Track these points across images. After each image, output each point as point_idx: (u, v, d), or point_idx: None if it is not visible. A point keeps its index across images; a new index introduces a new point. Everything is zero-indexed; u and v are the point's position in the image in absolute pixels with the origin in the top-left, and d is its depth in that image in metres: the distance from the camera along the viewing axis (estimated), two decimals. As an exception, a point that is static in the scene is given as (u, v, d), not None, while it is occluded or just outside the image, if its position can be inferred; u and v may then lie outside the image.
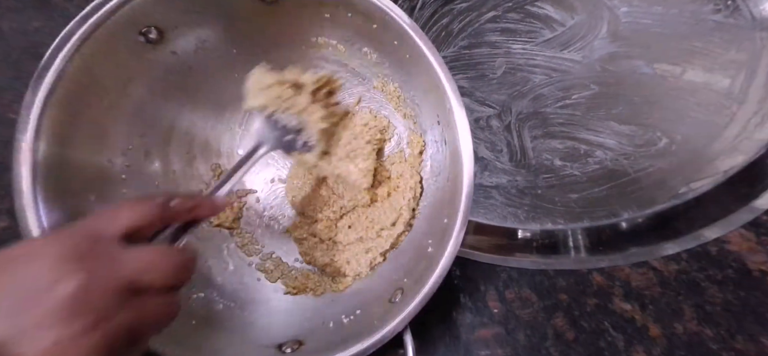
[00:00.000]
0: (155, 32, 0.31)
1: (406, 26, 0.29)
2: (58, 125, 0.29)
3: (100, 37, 0.29)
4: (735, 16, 0.38)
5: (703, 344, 0.33)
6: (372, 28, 0.32)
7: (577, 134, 0.40)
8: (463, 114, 0.29)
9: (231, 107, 0.39)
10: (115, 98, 0.32)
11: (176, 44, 0.33)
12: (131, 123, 0.34)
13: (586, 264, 0.37)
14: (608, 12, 0.40)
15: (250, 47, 0.36)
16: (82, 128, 0.30)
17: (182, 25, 0.32)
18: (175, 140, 0.37)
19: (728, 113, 0.38)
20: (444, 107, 0.30)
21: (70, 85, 0.29)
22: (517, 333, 0.35)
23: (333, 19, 0.33)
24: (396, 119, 0.39)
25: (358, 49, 0.36)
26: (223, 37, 0.35)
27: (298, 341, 0.30)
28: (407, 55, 0.32)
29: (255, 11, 0.33)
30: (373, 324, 0.28)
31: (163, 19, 0.31)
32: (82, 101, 0.30)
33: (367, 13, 0.31)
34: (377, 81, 0.38)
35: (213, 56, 0.35)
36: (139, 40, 0.31)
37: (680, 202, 0.38)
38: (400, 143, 0.39)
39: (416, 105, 0.36)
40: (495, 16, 0.42)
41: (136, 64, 0.32)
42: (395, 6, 0.29)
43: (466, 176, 0.29)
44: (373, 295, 0.33)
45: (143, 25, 0.31)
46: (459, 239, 0.28)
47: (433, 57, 0.29)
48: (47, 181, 0.28)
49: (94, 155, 0.31)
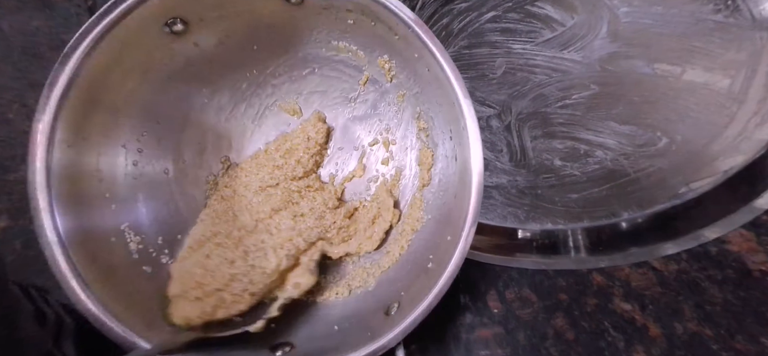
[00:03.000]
0: (181, 24, 0.32)
1: (429, 43, 0.29)
2: (78, 108, 0.29)
3: (129, 24, 0.29)
4: (735, 16, 0.38)
5: (703, 344, 0.33)
6: (394, 39, 0.32)
7: (577, 134, 0.40)
8: (476, 134, 0.28)
9: (246, 103, 0.39)
10: (135, 84, 0.33)
11: (199, 37, 0.33)
12: (148, 109, 0.34)
13: (586, 264, 0.37)
14: (608, 12, 0.40)
15: (271, 45, 0.36)
16: (100, 112, 0.31)
17: (208, 18, 0.33)
18: (188, 130, 0.37)
19: (728, 113, 0.38)
20: (458, 123, 0.30)
21: (94, 69, 0.29)
22: (517, 333, 0.35)
23: (356, 25, 0.33)
24: (409, 134, 0.39)
25: (378, 56, 0.36)
26: (245, 34, 0.35)
27: (290, 344, 0.30)
28: (427, 70, 0.32)
29: (279, 10, 0.33)
30: (367, 335, 0.28)
31: (191, 11, 0.32)
32: (104, 85, 0.31)
33: (391, 24, 0.31)
34: (395, 92, 0.38)
35: (234, 51, 0.36)
36: (164, 30, 0.31)
37: (680, 202, 0.38)
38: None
39: (430, 118, 0.36)
40: (495, 16, 0.42)
41: (159, 53, 0.32)
42: (421, 22, 0.29)
43: (474, 194, 0.28)
44: (369, 306, 0.33)
45: (171, 16, 0.31)
46: (460, 259, 0.28)
47: (454, 76, 0.29)
48: (61, 170, 0.29)
49: (108, 137, 0.32)
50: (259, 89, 0.39)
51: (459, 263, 0.28)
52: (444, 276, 0.28)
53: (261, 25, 0.34)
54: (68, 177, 0.30)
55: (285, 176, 0.37)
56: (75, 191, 0.30)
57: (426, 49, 0.29)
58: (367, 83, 0.38)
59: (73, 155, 0.30)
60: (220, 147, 0.39)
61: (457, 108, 0.29)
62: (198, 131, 0.38)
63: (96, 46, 0.29)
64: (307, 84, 0.39)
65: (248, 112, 0.40)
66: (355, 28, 0.34)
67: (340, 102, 0.40)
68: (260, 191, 0.37)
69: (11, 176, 0.39)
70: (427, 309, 0.27)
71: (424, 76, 0.33)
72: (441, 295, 0.27)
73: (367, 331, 0.28)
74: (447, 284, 0.28)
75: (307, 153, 0.38)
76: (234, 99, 0.39)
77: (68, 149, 0.29)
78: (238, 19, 0.34)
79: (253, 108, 0.40)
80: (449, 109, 0.31)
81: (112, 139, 0.33)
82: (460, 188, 0.31)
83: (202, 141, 0.38)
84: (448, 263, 0.28)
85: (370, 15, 0.31)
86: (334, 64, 0.38)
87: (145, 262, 0.33)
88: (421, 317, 0.27)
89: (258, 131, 0.40)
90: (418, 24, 0.29)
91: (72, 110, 0.29)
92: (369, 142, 0.40)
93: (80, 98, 0.29)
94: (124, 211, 0.33)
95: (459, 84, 0.29)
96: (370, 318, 0.31)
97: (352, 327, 0.31)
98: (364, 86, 0.38)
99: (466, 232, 0.28)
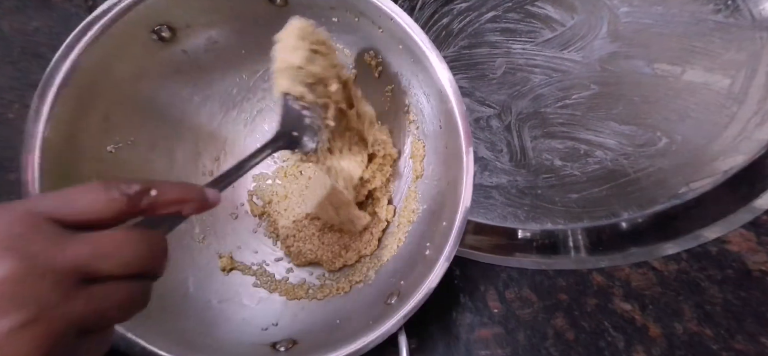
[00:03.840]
0: (168, 31, 0.32)
1: (409, 30, 0.30)
2: (68, 114, 0.29)
3: (116, 33, 0.29)
4: (735, 16, 0.38)
5: (703, 344, 0.33)
6: (378, 32, 0.32)
7: (577, 134, 0.40)
8: (464, 118, 0.29)
9: (238, 107, 0.40)
10: (126, 92, 0.33)
11: (187, 43, 0.34)
12: (139, 116, 0.34)
13: (586, 264, 0.37)
14: (608, 12, 0.40)
15: (259, 49, 0.36)
16: (92, 119, 0.31)
17: (194, 24, 0.33)
18: (181, 135, 0.37)
19: (728, 113, 0.38)
20: (445, 109, 0.30)
21: (84, 78, 0.29)
22: (517, 333, 0.35)
23: (341, 23, 0.34)
24: (403, 130, 0.39)
25: (365, 52, 0.36)
26: (232, 38, 0.35)
27: (293, 340, 0.31)
28: (411, 60, 0.32)
29: (265, 13, 0.33)
30: (368, 324, 0.28)
31: (177, 18, 0.32)
32: (94, 93, 0.30)
33: (374, 18, 0.31)
34: (383, 87, 0.38)
35: (222, 56, 0.36)
36: (152, 37, 0.32)
37: (680, 202, 0.38)
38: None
39: (419, 110, 0.36)
40: (495, 16, 0.42)
41: (148, 61, 0.33)
42: (400, 10, 0.30)
43: (466, 179, 0.29)
44: (369, 297, 0.33)
45: (157, 24, 0.31)
46: (456, 242, 0.28)
47: (437, 60, 0.30)
48: (53, 168, 0.29)
49: (100, 144, 0.32)
50: (249, 94, 0.39)
51: (455, 244, 0.28)
52: (441, 258, 0.28)
53: (248, 30, 0.35)
54: (61, 177, 0.29)
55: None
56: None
57: (408, 37, 0.30)
58: (355, 80, 0.38)
59: (66, 157, 0.30)
60: (214, 152, 0.39)
61: (442, 94, 0.30)
62: (191, 136, 0.38)
63: (86, 52, 0.29)
64: None
65: (240, 116, 0.40)
66: (339, 25, 0.34)
67: None
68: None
69: (11, 176, 0.39)
70: (427, 293, 0.28)
71: (410, 68, 0.33)
72: (439, 277, 0.28)
73: (369, 320, 0.29)
74: (444, 266, 0.28)
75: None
76: (225, 105, 0.39)
77: (60, 156, 0.29)
78: (224, 25, 0.34)
79: (244, 112, 0.40)
80: (436, 97, 0.31)
81: (105, 147, 0.32)
82: (452, 174, 0.31)
83: (195, 147, 0.38)
84: (445, 246, 0.28)
85: (353, 11, 0.32)
86: None
87: None
88: (421, 301, 0.28)
89: (251, 136, 0.41)
90: (398, 14, 0.29)
91: (65, 113, 0.29)
92: None
93: (73, 102, 0.29)
94: None
95: (441, 65, 0.29)
96: (370, 309, 0.31)
97: (353, 319, 0.31)
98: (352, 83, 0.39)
99: (461, 215, 0.29)
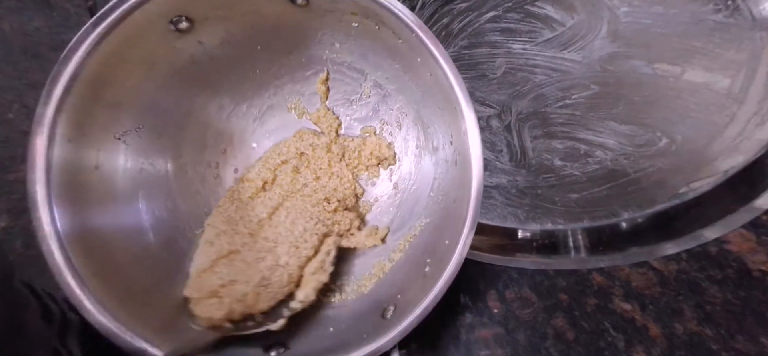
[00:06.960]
0: (186, 22, 0.32)
1: (432, 48, 0.29)
2: (79, 102, 0.29)
3: (134, 21, 0.29)
4: (735, 16, 0.38)
5: (703, 344, 0.33)
6: (398, 43, 0.32)
7: (577, 134, 0.40)
8: (477, 139, 0.28)
9: (248, 102, 0.39)
10: (138, 80, 0.33)
11: (204, 35, 0.34)
12: (149, 105, 0.34)
13: (586, 264, 0.37)
14: (608, 12, 0.40)
15: (275, 46, 0.36)
16: (101, 106, 0.31)
17: (213, 17, 0.33)
18: (189, 126, 0.37)
19: (728, 113, 0.38)
20: (459, 128, 0.30)
21: (99, 63, 0.29)
22: (517, 333, 0.35)
23: (360, 28, 0.33)
24: (408, 138, 0.39)
25: (381, 59, 0.36)
26: (249, 34, 0.35)
27: (284, 345, 0.30)
28: (429, 74, 0.32)
29: (284, 12, 0.33)
30: (362, 337, 0.28)
31: (196, 10, 0.32)
32: (107, 80, 0.31)
33: (395, 30, 0.31)
34: (397, 96, 0.38)
35: (237, 50, 0.36)
36: (169, 28, 0.31)
37: (680, 202, 0.38)
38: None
39: (431, 122, 0.36)
40: (495, 16, 0.42)
41: (162, 50, 0.33)
42: (424, 27, 0.29)
43: (473, 200, 0.28)
44: (365, 308, 0.33)
45: (176, 14, 0.31)
46: (458, 264, 0.28)
47: (456, 81, 0.29)
48: (60, 164, 0.29)
49: (109, 133, 0.32)
50: (261, 89, 0.39)
51: (456, 268, 0.28)
52: (441, 281, 0.28)
53: (266, 26, 0.34)
54: (67, 172, 0.29)
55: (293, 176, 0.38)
56: (74, 186, 0.30)
57: (428, 53, 0.29)
58: (370, 87, 0.38)
59: (72, 150, 0.30)
60: (222, 145, 0.39)
61: (458, 113, 0.29)
62: (199, 128, 0.38)
63: (101, 41, 0.29)
64: (310, 85, 0.39)
65: (250, 111, 0.40)
66: (359, 31, 0.34)
67: (342, 103, 0.40)
68: (267, 189, 0.37)
69: (11, 175, 0.39)
70: (423, 313, 0.27)
71: (426, 81, 0.33)
72: (437, 300, 0.27)
73: (363, 333, 0.28)
74: (443, 289, 0.27)
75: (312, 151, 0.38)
76: (236, 98, 0.39)
77: (68, 143, 0.29)
78: (242, 19, 0.34)
79: (254, 108, 0.40)
80: (450, 113, 0.31)
81: (112, 134, 0.33)
82: (459, 193, 0.31)
83: (203, 139, 0.38)
84: (446, 267, 0.28)
85: (374, 19, 0.31)
86: (337, 67, 0.38)
87: (145, 259, 0.33)
88: (416, 321, 0.27)
89: (259, 131, 0.40)
90: (421, 28, 0.29)
91: (74, 104, 0.29)
92: None
93: (83, 93, 0.29)
94: (123, 207, 0.33)
95: (461, 89, 0.29)
96: (365, 320, 0.31)
97: (347, 329, 0.31)
98: (367, 90, 0.39)
99: (464, 237, 0.28)
